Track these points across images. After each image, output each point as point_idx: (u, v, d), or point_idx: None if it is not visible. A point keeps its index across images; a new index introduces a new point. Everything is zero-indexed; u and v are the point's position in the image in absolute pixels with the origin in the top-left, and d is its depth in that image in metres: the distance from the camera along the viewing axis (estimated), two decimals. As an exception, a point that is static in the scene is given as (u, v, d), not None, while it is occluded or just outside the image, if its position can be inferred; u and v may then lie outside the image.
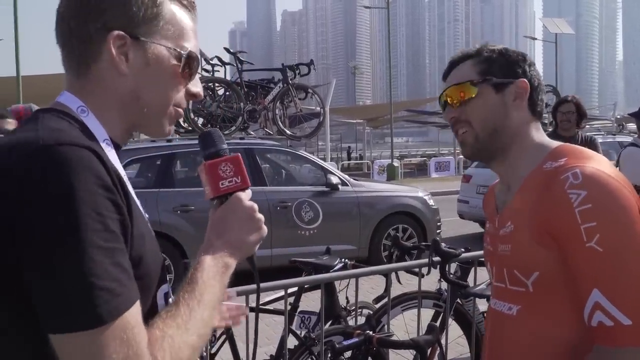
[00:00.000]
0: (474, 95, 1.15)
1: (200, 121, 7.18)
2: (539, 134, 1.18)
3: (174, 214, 5.68)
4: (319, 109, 9.06)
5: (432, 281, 2.84)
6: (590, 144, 4.41)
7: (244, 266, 0.93)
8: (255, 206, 0.93)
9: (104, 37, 0.81)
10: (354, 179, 6.91)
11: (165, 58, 0.85)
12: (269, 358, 2.84)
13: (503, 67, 1.16)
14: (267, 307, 2.90)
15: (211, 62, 7.33)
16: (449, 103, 1.20)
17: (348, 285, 2.85)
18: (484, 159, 1.22)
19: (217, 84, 7.25)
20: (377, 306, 2.92)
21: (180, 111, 0.91)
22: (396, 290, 2.87)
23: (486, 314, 1.51)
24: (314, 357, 2.53)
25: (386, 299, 2.68)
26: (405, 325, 2.93)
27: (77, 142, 0.71)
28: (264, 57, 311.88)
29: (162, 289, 0.86)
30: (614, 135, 10.70)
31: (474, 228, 9.01)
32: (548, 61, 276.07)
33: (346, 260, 2.98)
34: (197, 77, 0.93)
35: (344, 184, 6.50)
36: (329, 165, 7.56)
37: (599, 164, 1.04)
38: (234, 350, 2.78)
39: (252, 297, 2.18)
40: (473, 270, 2.75)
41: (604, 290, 0.96)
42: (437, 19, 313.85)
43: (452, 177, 21.15)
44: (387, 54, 25.52)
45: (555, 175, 1.03)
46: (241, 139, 6.67)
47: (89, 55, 0.82)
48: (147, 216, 0.87)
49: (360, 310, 2.98)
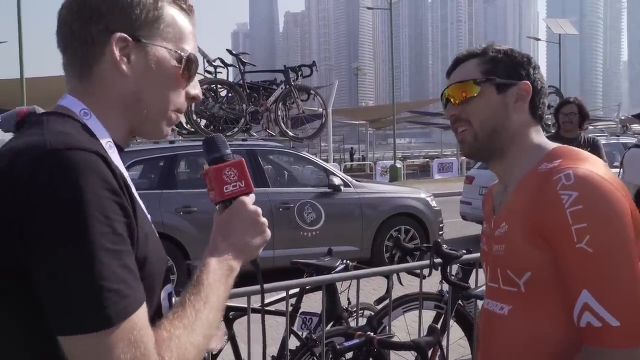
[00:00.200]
0: (475, 94, 1.15)
1: (203, 123, 7.19)
2: (538, 136, 1.18)
3: (176, 215, 5.68)
4: (321, 110, 9.08)
5: (433, 283, 2.84)
6: (593, 145, 4.39)
7: (246, 267, 0.95)
8: (259, 210, 0.94)
9: (106, 39, 0.82)
10: (357, 180, 6.90)
11: (166, 60, 0.86)
12: (270, 359, 2.84)
13: (507, 68, 1.16)
14: (268, 308, 2.90)
15: (214, 63, 7.33)
16: (450, 100, 1.19)
17: (349, 286, 2.86)
18: (482, 158, 1.22)
19: (219, 86, 7.25)
20: (379, 307, 2.93)
21: (180, 116, 0.93)
22: (398, 292, 2.87)
23: (479, 314, 1.51)
24: (315, 358, 2.54)
25: (387, 301, 2.68)
26: (406, 326, 2.94)
27: (84, 146, 0.72)
28: (266, 59, 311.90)
29: (166, 289, 0.88)
30: (618, 136, 10.62)
31: (477, 229, 8.97)
32: (552, 62, 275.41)
33: (347, 262, 2.98)
34: (196, 80, 0.94)
35: (346, 185, 6.48)
36: (331, 167, 7.55)
37: (593, 165, 1.04)
38: (236, 351, 2.79)
39: (254, 298, 2.19)
40: (475, 271, 2.75)
41: (593, 291, 0.96)
42: (440, 19, 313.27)
43: (454, 178, 21.12)
44: (390, 55, 25.51)
45: (549, 177, 1.04)
46: (243, 140, 6.67)
47: (91, 57, 0.83)
48: (150, 217, 0.88)
49: (362, 312, 2.99)
